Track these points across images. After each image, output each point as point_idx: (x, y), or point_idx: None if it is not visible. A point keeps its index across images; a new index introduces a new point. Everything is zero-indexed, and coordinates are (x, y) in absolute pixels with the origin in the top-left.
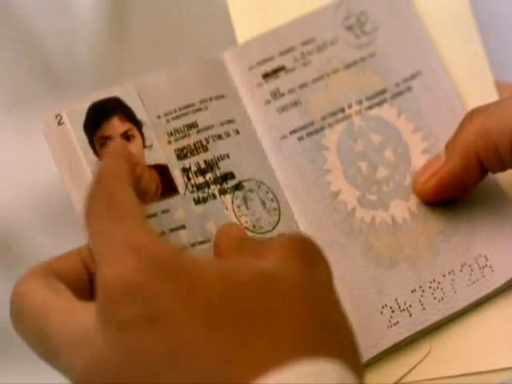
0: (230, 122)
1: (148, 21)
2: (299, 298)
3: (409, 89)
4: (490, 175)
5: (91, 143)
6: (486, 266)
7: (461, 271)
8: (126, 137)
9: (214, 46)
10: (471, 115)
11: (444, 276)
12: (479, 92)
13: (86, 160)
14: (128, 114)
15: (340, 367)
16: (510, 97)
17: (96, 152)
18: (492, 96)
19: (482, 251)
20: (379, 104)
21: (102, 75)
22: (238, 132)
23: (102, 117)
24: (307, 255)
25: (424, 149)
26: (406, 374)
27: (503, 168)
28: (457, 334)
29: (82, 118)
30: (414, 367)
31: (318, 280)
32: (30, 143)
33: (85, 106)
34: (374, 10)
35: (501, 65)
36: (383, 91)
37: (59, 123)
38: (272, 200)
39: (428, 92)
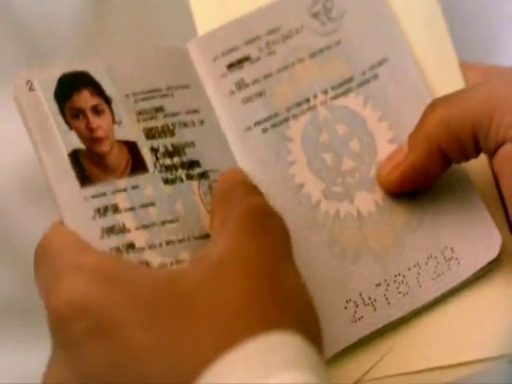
0: (194, 111)
1: (125, 10)
2: (247, 275)
3: (375, 76)
4: (457, 166)
5: (62, 112)
6: (452, 258)
7: (426, 264)
8: (96, 111)
9: (176, 39)
10: (433, 106)
11: (409, 269)
12: (444, 76)
13: (57, 128)
14: (97, 89)
15: (292, 338)
16: (471, 87)
17: (67, 121)
18: (458, 80)
19: (448, 243)
20: (345, 93)
21: (81, 49)
22: (202, 122)
23: (73, 88)
24: (260, 226)
25: (391, 138)
26: (367, 372)
27: (466, 158)
28: (419, 329)
29: (53, 86)
30: (375, 364)
31: (271, 251)
32: (9, 117)
33: (55, 75)
34: None
35: (465, 49)
36: (349, 80)
37: (30, 89)
38: None
39: (395, 79)
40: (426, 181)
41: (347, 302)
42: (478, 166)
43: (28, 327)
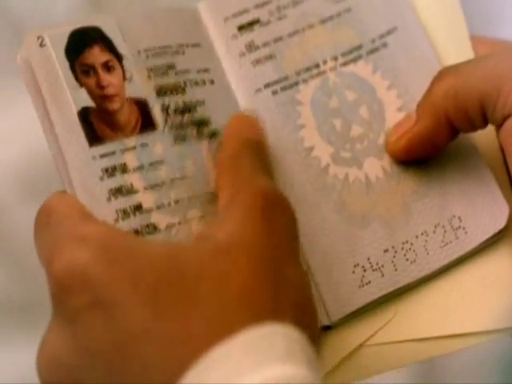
0: (205, 70)
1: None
2: (251, 264)
3: (384, 45)
4: (465, 136)
5: (72, 68)
6: (460, 227)
7: (434, 232)
8: (107, 67)
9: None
10: (441, 75)
11: (417, 237)
12: (454, 48)
13: (66, 85)
14: (108, 45)
15: (290, 331)
16: (480, 57)
17: (77, 78)
18: (467, 52)
19: (455, 212)
20: (354, 60)
21: None
22: (212, 82)
23: (84, 44)
24: (268, 212)
25: (399, 106)
26: (371, 337)
27: (473, 128)
28: (424, 298)
29: (64, 41)
30: (378, 330)
31: (276, 241)
32: (9, 115)
33: (67, 30)
34: None
35: (477, 20)
36: (359, 47)
37: (41, 45)
38: None
39: (404, 48)
40: (433, 149)
41: (355, 266)
42: (485, 137)
43: (25, 325)
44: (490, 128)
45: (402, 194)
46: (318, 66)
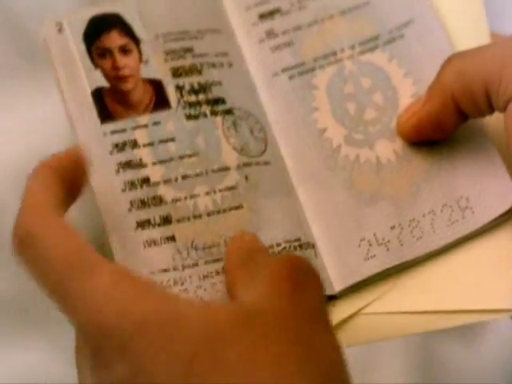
0: (224, 54)
1: None
2: (283, 332)
3: (401, 36)
4: (474, 121)
5: (89, 51)
6: (467, 207)
7: (441, 211)
8: (124, 50)
9: None
10: (450, 59)
11: (424, 216)
12: (474, 43)
13: (82, 66)
14: (127, 30)
15: None
16: (490, 44)
17: (93, 60)
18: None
19: (463, 193)
20: (371, 50)
21: None
22: (230, 65)
23: (102, 29)
24: (297, 284)
25: (413, 93)
26: (367, 305)
27: (480, 113)
28: (422, 273)
29: (83, 27)
30: (375, 299)
31: (306, 310)
32: (11, 115)
33: (86, 15)
34: None
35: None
36: (376, 37)
37: (59, 31)
38: (260, 130)
39: (420, 40)
40: (441, 131)
41: (361, 240)
42: (494, 123)
43: (25, 327)
44: (499, 115)
45: (411, 175)
46: (335, 53)
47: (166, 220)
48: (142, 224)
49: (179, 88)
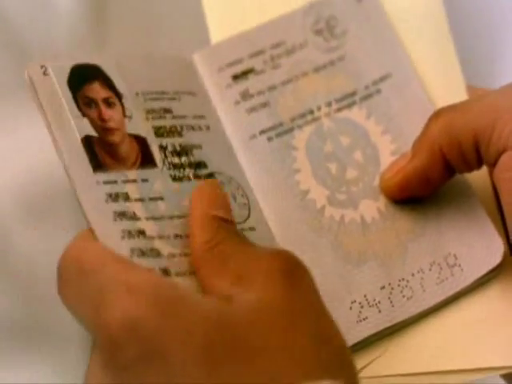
0: (201, 117)
1: (126, 18)
2: (293, 320)
3: (378, 91)
4: (459, 176)
5: (75, 99)
6: (456, 264)
7: (430, 270)
8: (108, 103)
9: (188, 46)
10: (437, 113)
11: (413, 275)
12: (450, 97)
13: (70, 113)
14: (108, 83)
15: None
16: (476, 97)
17: (80, 108)
18: (462, 98)
19: (451, 250)
20: (349, 106)
21: None
22: (208, 128)
23: (85, 78)
24: (291, 277)
25: (393, 150)
26: (360, 370)
27: (468, 167)
28: (414, 334)
29: (66, 74)
30: (369, 363)
31: (307, 300)
32: (8, 134)
33: (68, 64)
34: (343, 13)
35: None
36: (353, 93)
37: (44, 73)
38: (242, 196)
39: (398, 94)
40: (428, 187)
41: (352, 302)
42: (478, 178)
43: (27, 347)
44: (483, 169)
45: (397, 234)
46: (312, 112)
47: (165, 272)
48: None
49: (163, 148)
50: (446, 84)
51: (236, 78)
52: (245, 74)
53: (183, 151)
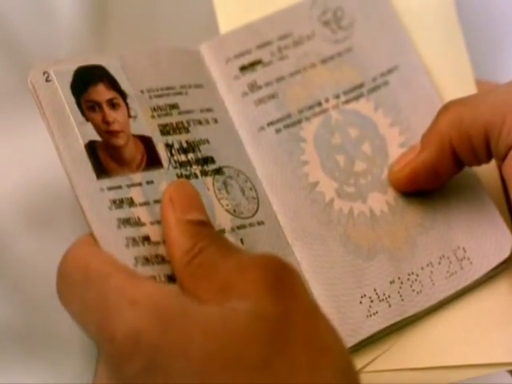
0: (208, 110)
1: (129, 17)
2: (290, 332)
3: (386, 83)
4: (467, 169)
5: (78, 104)
6: (465, 258)
7: (439, 264)
8: (112, 104)
9: (196, 36)
10: (447, 106)
11: (422, 269)
12: (460, 91)
13: (73, 119)
14: (113, 83)
15: None
16: (487, 90)
17: (83, 113)
18: (471, 92)
19: (460, 243)
20: (356, 98)
21: None
22: (216, 121)
23: (89, 81)
24: (280, 284)
25: (401, 142)
26: (369, 363)
27: (477, 160)
28: (424, 328)
29: (69, 79)
30: (377, 356)
31: (297, 305)
32: (9, 144)
33: (71, 68)
34: (350, 5)
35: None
36: (360, 85)
37: (47, 80)
38: (251, 189)
39: (405, 86)
40: (437, 180)
41: (362, 297)
42: (487, 171)
43: (27, 354)
44: (491, 163)
45: (406, 227)
46: (320, 104)
47: (171, 279)
48: None
49: (169, 146)
50: (455, 78)
51: (244, 69)
52: (252, 65)
53: (190, 148)
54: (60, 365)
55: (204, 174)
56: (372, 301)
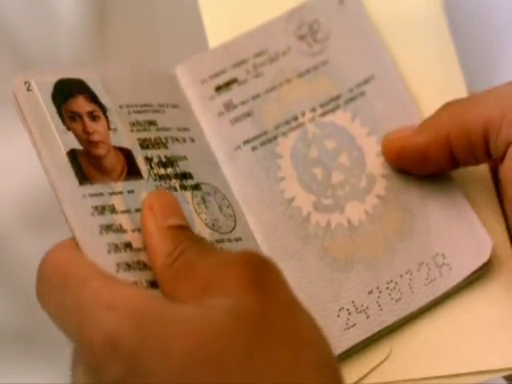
0: (185, 129)
1: (127, 23)
2: (272, 330)
3: (362, 93)
4: (446, 173)
5: (59, 113)
6: (444, 264)
7: (418, 271)
8: (92, 116)
9: (196, 37)
10: (449, 102)
11: (401, 276)
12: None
13: (55, 128)
14: (92, 97)
15: None
16: (487, 90)
17: (64, 122)
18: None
19: (439, 250)
20: (333, 110)
21: None
22: (193, 140)
23: (69, 93)
24: (260, 280)
25: (379, 151)
26: (365, 376)
27: (475, 160)
28: (418, 336)
29: (50, 89)
30: (373, 369)
31: (279, 301)
32: (10, 145)
33: (52, 79)
34: (325, 17)
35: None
36: (337, 97)
37: (28, 89)
38: (228, 207)
39: (382, 96)
40: (422, 166)
41: (340, 310)
42: (479, 173)
43: (27, 354)
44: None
45: (385, 235)
46: (296, 118)
47: (153, 285)
48: None
49: (148, 159)
50: (447, 90)
51: (219, 89)
52: (228, 84)
53: (169, 162)
54: (60, 365)
55: (183, 188)
56: (350, 313)
